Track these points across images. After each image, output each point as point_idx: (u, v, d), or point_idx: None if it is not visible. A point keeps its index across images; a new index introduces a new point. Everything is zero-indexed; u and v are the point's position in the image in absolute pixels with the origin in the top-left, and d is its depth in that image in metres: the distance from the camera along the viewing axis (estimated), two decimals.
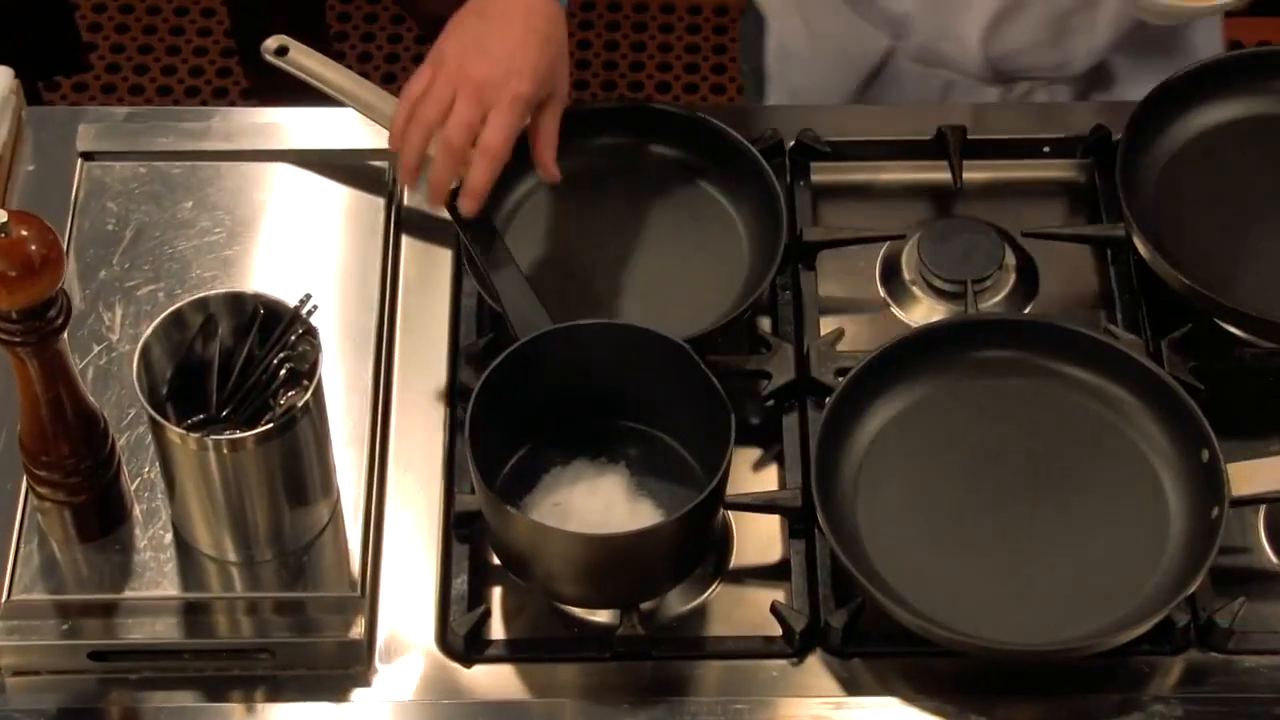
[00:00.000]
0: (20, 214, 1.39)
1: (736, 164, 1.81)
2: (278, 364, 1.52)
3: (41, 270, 1.39)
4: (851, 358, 1.72)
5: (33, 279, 1.39)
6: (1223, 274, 1.76)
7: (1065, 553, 1.61)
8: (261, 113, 1.90)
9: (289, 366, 1.51)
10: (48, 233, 1.40)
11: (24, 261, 1.38)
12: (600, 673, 1.58)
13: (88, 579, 1.59)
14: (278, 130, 1.87)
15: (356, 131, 1.86)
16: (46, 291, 1.40)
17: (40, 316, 1.42)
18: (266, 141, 1.87)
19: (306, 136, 1.87)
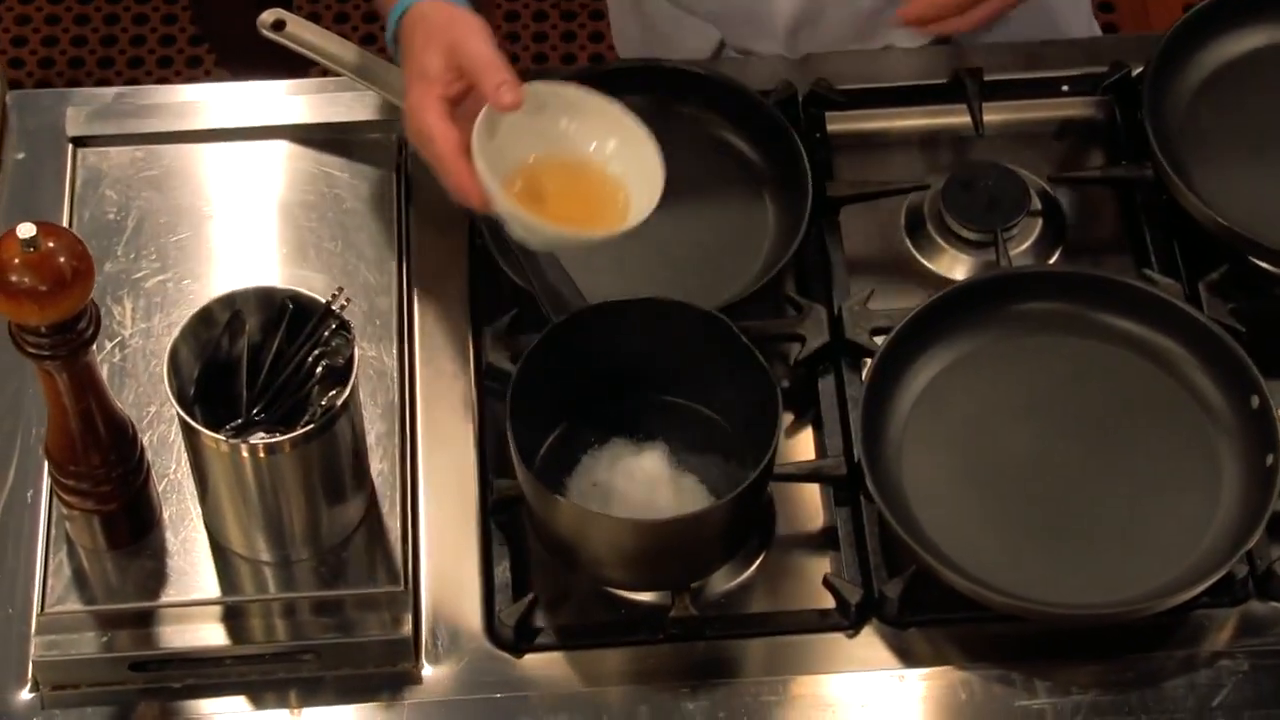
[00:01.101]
0: (47, 225, 1.37)
1: (756, 120, 1.80)
2: (312, 361, 1.50)
3: (74, 284, 1.37)
4: (886, 316, 1.71)
5: (65, 293, 1.37)
6: (1257, 210, 1.75)
7: (1118, 509, 1.61)
8: (257, 87, 1.87)
9: (325, 363, 1.49)
10: (76, 243, 1.38)
11: (55, 276, 1.36)
12: (655, 655, 1.58)
13: (122, 587, 1.57)
14: (276, 105, 1.85)
15: (358, 104, 1.84)
16: (78, 305, 1.38)
17: (70, 329, 1.40)
18: (264, 117, 1.84)
19: (306, 111, 1.85)
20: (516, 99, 1.52)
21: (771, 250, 1.75)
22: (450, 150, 1.55)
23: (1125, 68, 1.87)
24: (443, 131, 1.55)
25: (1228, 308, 1.72)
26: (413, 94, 1.58)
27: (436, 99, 1.56)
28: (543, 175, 1.59)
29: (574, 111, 1.60)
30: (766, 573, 1.64)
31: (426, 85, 1.57)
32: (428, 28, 1.59)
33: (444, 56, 1.56)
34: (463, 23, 1.58)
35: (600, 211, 1.58)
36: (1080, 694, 1.55)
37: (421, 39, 1.58)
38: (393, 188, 1.80)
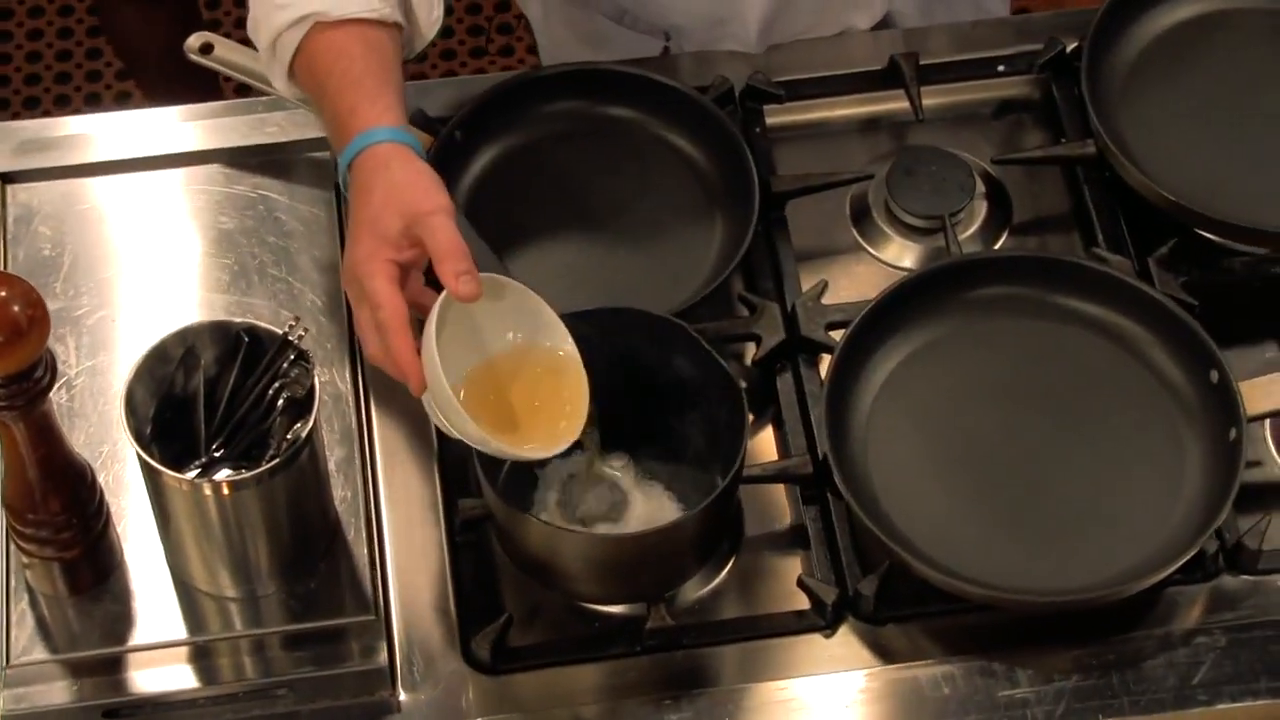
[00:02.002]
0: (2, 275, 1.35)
1: (696, 119, 1.80)
2: (273, 394, 1.49)
3: (30, 332, 1.36)
4: (841, 311, 1.72)
5: (20, 343, 1.35)
6: (1201, 182, 1.77)
7: (1085, 491, 1.63)
8: (184, 112, 1.86)
9: (286, 395, 1.49)
10: (30, 291, 1.37)
11: (10, 325, 1.35)
12: (633, 668, 1.58)
13: (88, 634, 1.56)
14: (205, 129, 1.84)
15: (289, 123, 1.83)
16: (34, 354, 1.37)
17: (27, 379, 1.39)
18: (196, 142, 1.83)
19: (237, 134, 1.83)
20: (476, 290, 1.46)
21: (721, 250, 1.76)
22: (397, 323, 1.47)
23: (1060, 45, 1.89)
24: (391, 301, 1.48)
25: (1179, 281, 1.74)
26: (362, 247, 1.50)
27: (388, 262, 1.49)
28: (486, 377, 1.53)
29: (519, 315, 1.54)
30: (738, 576, 1.65)
31: (379, 244, 1.49)
32: (390, 182, 1.51)
33: (404, 221, 1.49)
34: (427, 191, 1.51)
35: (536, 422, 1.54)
36: (1062, 680, 1.56)
37: (382, 194, 1.51)
38: (332, 207, 1.79)
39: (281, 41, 1.61)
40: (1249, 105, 1.83)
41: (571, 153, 1.81)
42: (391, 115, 1.55)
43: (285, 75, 1.64)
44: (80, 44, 3.23)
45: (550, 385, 1.54)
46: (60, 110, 3.14)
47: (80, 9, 3.26)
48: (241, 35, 3.09)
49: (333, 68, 1.58)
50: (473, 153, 1.79)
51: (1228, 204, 1.75)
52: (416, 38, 1.67)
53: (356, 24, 1.59)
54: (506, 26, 3.21)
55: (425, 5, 1.66)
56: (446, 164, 1.75)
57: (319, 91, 1.60)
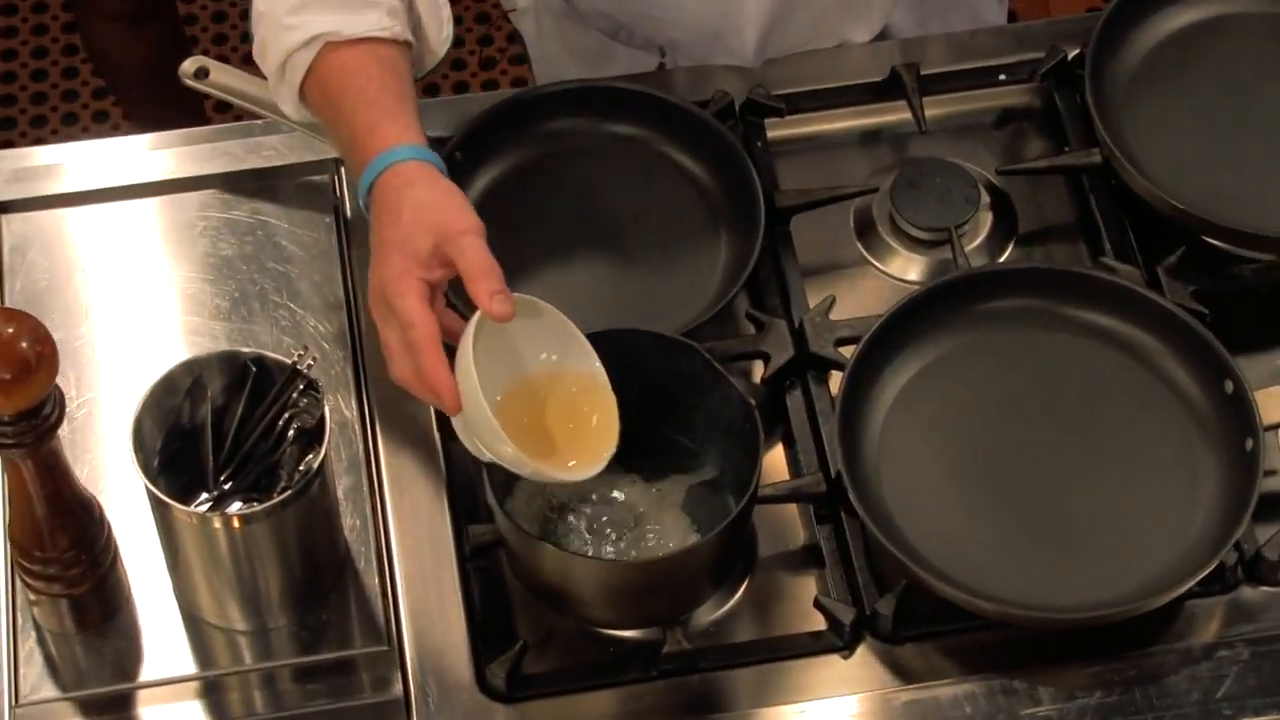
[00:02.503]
0: (7, 311, 1.34)
1: (698, 135, 1.80)
2: (283, 424, 1.48)
3: (38, 369, 1.34)
4: (849, 327, 1.71)
5: (29, 380, 1.34)
6: (1208, 189, 1.77)
7: (1102, 505, 1.62)
8: (178, 136, 1.84)
9: (296, 426, 1.48)
10: (38, 327, 1.36)
11: (18, 362, 1.34)
12: (650, 693, 1.57)
13: (98, 670, 1.55)
14: (201, 155, 1.82)
15: (285, 146, 1.82)
16: (43, 391, 1.36)
17: (36, 415, 1.38)
18: (192, 168, 1.81)
19: (233, 158, 1.82)
20: (511, 310, 1.45)
21: (726, 267, 1.75)
22: (430, 343, 1.46)
23: (1062, 53, 1.88)
24: (424, 320, 1.46)
25: (1189, 290, 1.74)
26: (392, 267, 1.48)
27: (419, 281, 1.48)
28: (520, 399, 1.53)
29: (551, 335, 1.53)
30: (753, 598, 1.64)
31: (409, 264, 1.48)
32: (418, 201, 1.50)
33: (434, 241, 1.48)
34: (458, 211, 1.50)
35: (571, 444, 1.53)
36: (1085, 697, 1.56)
37: (411, 213, 1.50)
38: (332, 231, 1.78)
39: (292, 63, 1.60)
40: (1254, 109, 1.83)
41: (572, 171, 1.80)
42: (412, 133, 1.55)
43: (295, 97, 1.63)
44: (56, 63, 3.21)
45: (583, 406, 1.53)
46: (37, 130, 3.12)
47: (55, 27, 3.24)
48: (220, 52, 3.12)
49: (348, 87, 1.57)
50: (473, 173, 1.78)
51: (1235, 210, 1.75)
52: (426, 55, 1.67)
53: (368, 43, 1.58)
54: (487, 38, 3.21)
55: (435, 23, 1.65)
56: None
57: (333, 112, 1.58)
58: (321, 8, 1.58)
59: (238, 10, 3.25)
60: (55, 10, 3.25)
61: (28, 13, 3.25)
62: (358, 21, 1.58)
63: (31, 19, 3.25)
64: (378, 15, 1.59)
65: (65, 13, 3.23)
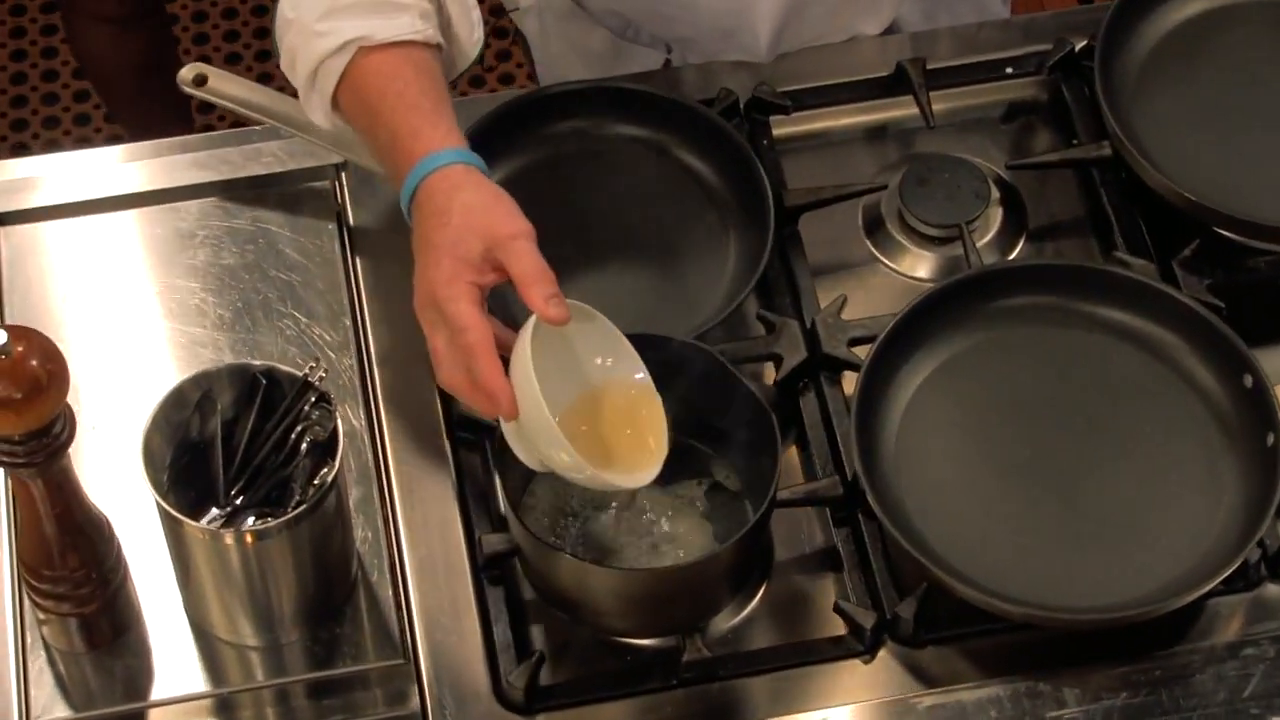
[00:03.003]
0: (17, 329, 1.33)
1: (703, 134, 1.79)
2: (296, 438, 1.47)
3: (49, 388, 1.33)
4: (862, 326, 1.71)
5: (40, 399, 1.33)
6: (1221, 181, 1.76)
7: (1122, 503, 1.61)
8: (177, 144, 1.83)
9: (309, 439, 1.46)
10: (47, 344, 1.34)
11: (30, 381, 1.32)
12: (670, 702, 1.56)
13: (109, 689, 1.54)
14: (200, 163, 1.81)
15: (284, 152, 1.81)
16: (54, 410, 1.35)
17: (46, 434, 1.37)
18: (190, 176, 1.80)
19: (232, 166, 1.80)
20: (566, 314, 1.45)
21: (736, 268, 1.74)
22: (485, 347, 1.45)
23: (1069, 45, 1.87)
24: (478, 324, 1.45)
25: (1204, 284, 1.73)
26: (442, 271, 1.48)
27: (471, 285, 1.47)
28: (579, 405, 1.52)
29: (604, 341, 1.53)
30: (770, 603, 1.63)
31: (461, 268, 1.47)
32: (467, 205, 1.49)
33: (485, 245, 1.47)
34: (508, 214, 1.49)
35: (627, 450, 1.53)
36: (1110, 698, 1.55)
37: (461, 217, 1.49)
38: (335, 237, 1.76)
39: (324, 70, 1.58)
40: (1265, 98, 1.82)
41: (578, 174, 1.78)
42: (454, 137, 1.54)
43: (328, 106, 1.61)
44: (35, 66, 3.19)
45: (638, 411, 1.52)
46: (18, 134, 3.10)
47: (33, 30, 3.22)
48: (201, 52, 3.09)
49: (386, 91, 1.56)
50: None
51: (1249, 202, 1.74)
52: (459, 58, 1.65)
53: (401, 46, 1.57)
54: None
55: (466, 25, 1.64)
56: None
57: (370, 118, 1.57)
58: (352, 13, 1.57)
59: (219, 10, 3.23)
60: (33, 13, 3.23)
61: (5, 15, 3.23)
62: (390, 25, 1.56)
63: (9, 21, 3.22)
64: (410, 19, 1.57)
65: (43, 15, 3.21)
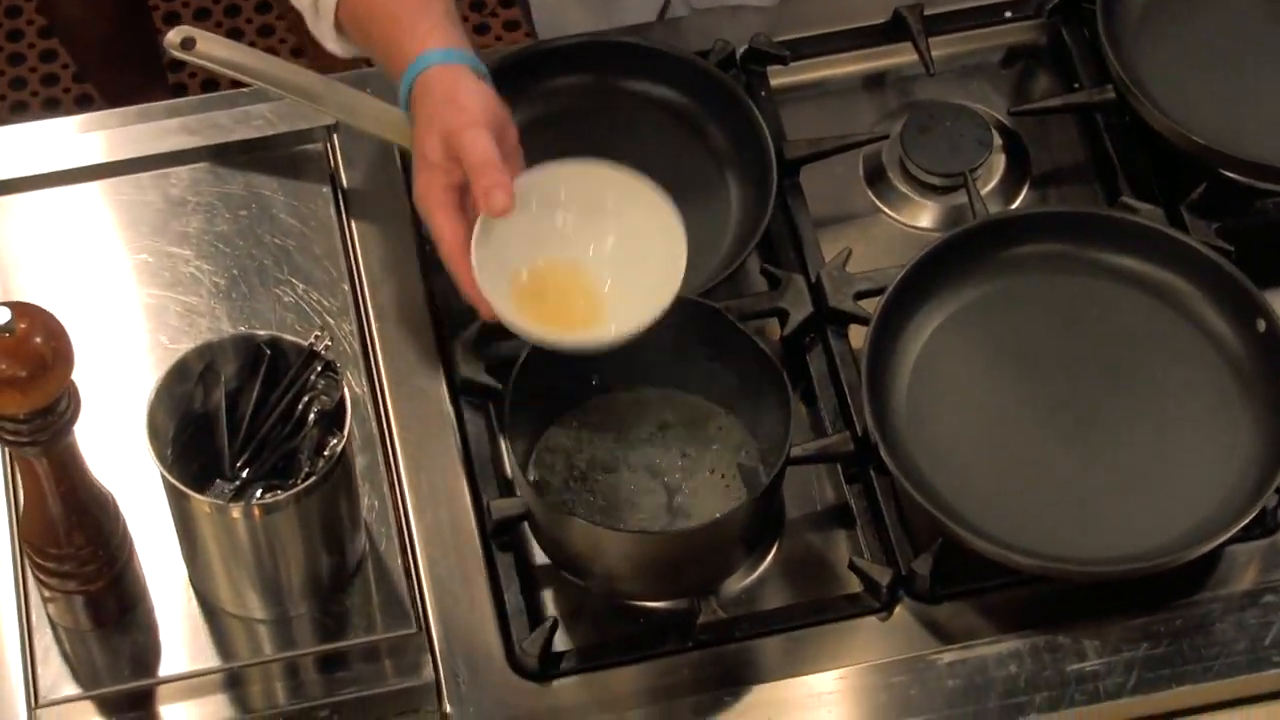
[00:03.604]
0: (20, 305, 1.31)
1: (702, 87, 1.78)
2: (303, 409, 1.46)
3: (55, 366, 1.32)
4: (869, 279, 1.70)
5: (45, 377, 1.32)
6: (1227, 123, 1.76)
7: (1136, 452, 1.61)
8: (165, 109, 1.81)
9: (316, 409, 1.45)
10: (51, 320, 1.33)
11: (34, 360, 1.31)
12: (687, 664, 1.56)
13: (118, 667, 1.53)
14: (189, 127, 1.79)
15: (275, 115, 1.79)
16: (60, 388, 1.33)
17: (51, 413, 1.35)
18: (181, 142, 1.78)
19: (221, 131, 1.78)
20: (506, 204, 1.45)
21: (739, 223, 1.73)
22: (453, 251, 1.48)
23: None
24: (443, 227, 1.48)
25: (1213, 228, 1.72)
26: (419, 181, 1.51)
27: (440, 189, 1.49)
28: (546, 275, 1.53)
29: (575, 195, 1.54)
30: (783, 562, 1.63)
31: (430, 173, 1.49)
32: (430, 103, 1.50)
33: (443, 143, 1.48)
34: (461, 107, 1.49)
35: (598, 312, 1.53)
36: (1131, 650, 1.55)
37: (424, 117, 1.50)
38: (330, 201, 1.75)
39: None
40: (1271, 38, 1.81)
41: (576, 130, 1.77)
42: (436, 36, 1.54)
43: (334, 32, 1.64)
44: None
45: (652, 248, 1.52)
46: None
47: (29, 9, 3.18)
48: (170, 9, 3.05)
49: (373, 7, 1.58)
50: None
51: (1256, 143, 1.73)
52: None
53: None
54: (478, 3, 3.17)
55: None
56: None
57: (367, 39, 1.60)
58: None
59: None
60: None
61: None
62: None
63: None
64: None
65: None
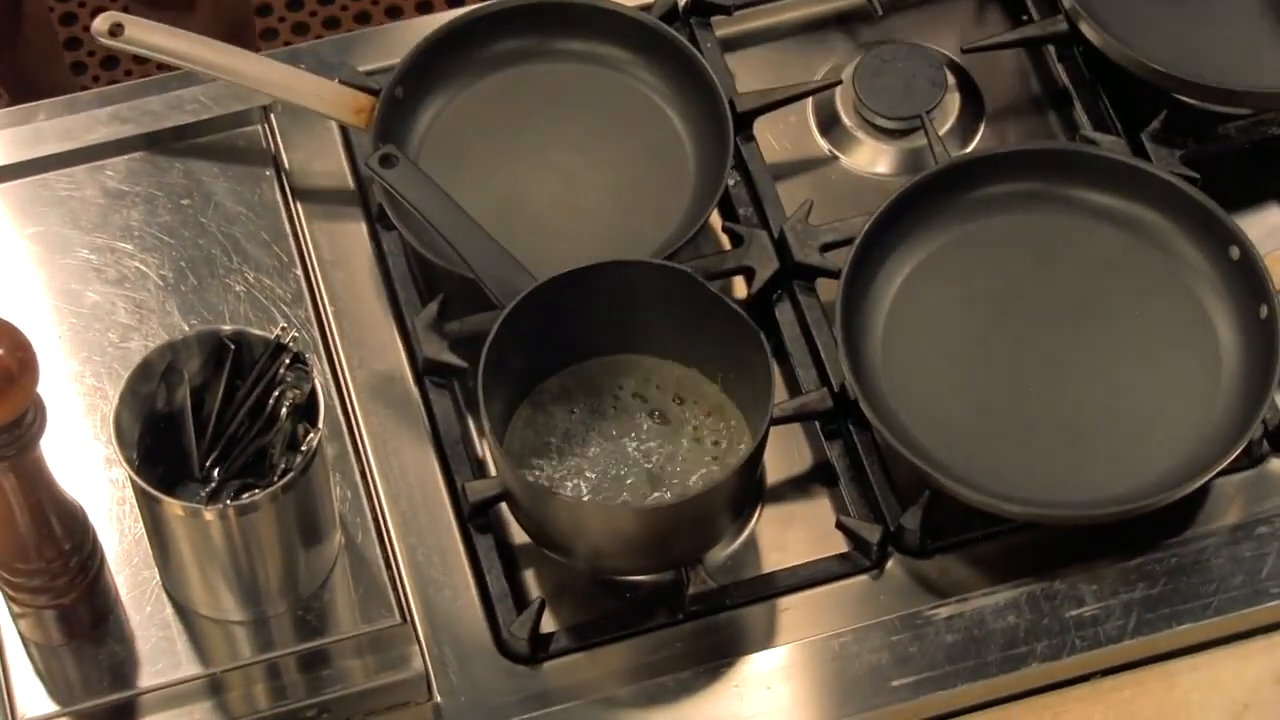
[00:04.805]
0: None
1: (648, 44, 1.76)
2: (274, 403, 1.44)
3: (21, 378, 1.30)
4: (833, 230, 1.69)
5: (12, 391, 1.30)
6: (1183, 48, 1.76)
7: (1120, 391, 1.62)
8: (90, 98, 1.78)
9: (288, 403, 1.44)
10: (15, 332, 1.31)
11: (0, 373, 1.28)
12: (679, 637, 1.55)
13: (96, 679, 1.51)
14: (119, 115, 1.76)
15: (208, 98, 1.77)
16: (26, 401, 1.31)
17: (18, 426, 1.33)
18: (111, 131, 1.75)
19: (152, 117, 1.76)
20: None
21: (697, 182, 1.72)
22: None
23: None
24: None
25: (1176, 156, 1.73)
26: None
27: None
28: None
29: None
30: (766, 526, 1.63)
31: None
32: None
33: None
34: None
35: None
36: (1128, 592, 1.56)
37: None
38: (273, 184, 1.73)
39: None
40: None
41: (522, 96, 1.76)
42: None
43: None
44: None
45: None
46: None
47: None
48: None
49: None
50: (417, 108, 1.73)
51: (1214, 67, 1.74)
52: None
53: None
54: None
55: None
56: (390, 124, 1.70)
57: None
58: None
59: None
60: None
61: None
62: None
63: None
64: None
65: None
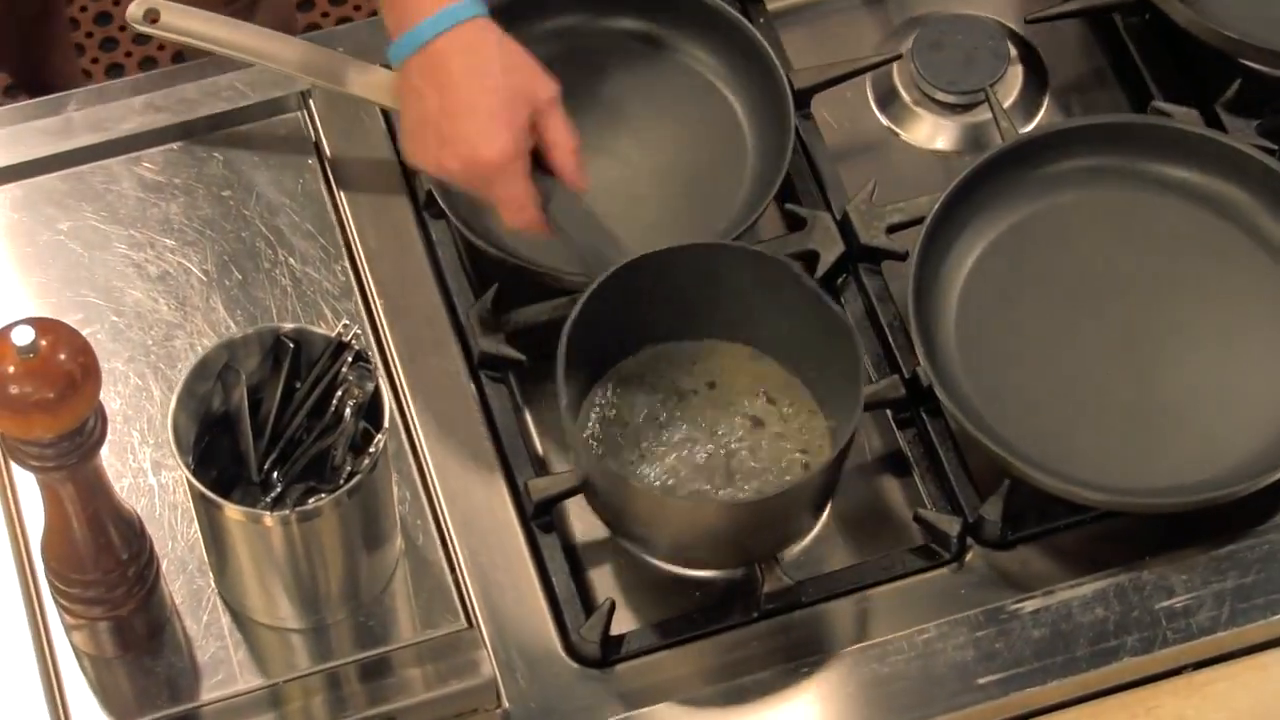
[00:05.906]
0: (42, 322, 1.26)
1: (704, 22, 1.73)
2: (337, 404, 1.41)
3: (84, 384, 1.27)
4: (899, 211, 1.67)
5: (75, 397, 1.27)
6: (1256, 14, 1.73)
7: (1201, 374, 1.59)
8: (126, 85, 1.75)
9: (352, 403, 1.41)
10: (75, 336, 1.28)
11: (62, 379, 1.26)
12: (755, 636, 1.53)
13: (154, 693, 1.49)
14: (154, 104, 1.73)
15: (245, 84, 1.74)
16: (89, 408, 1.28)
17: (79, 434, 1.30)
18: (147, 120, 1.72)
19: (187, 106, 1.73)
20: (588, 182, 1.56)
21: (757, 163, 1.70)
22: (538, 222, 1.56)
23: None
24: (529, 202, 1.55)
25: (1253, 126, 1.70)
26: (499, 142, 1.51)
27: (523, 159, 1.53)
28: None
29: None
30: (839, 519, 1.60)
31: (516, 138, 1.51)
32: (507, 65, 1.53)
33: (529, 111, 1.52)
34: (541, 77, 1.54)
35: None
36: (1219, 581, 1.53)
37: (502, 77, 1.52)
38: (317, 173, 1.70)
39: None
40: None
41: (576, 75, 1.71)
42: None
43: None
44: None
45: None
46: None
47: None
48: None
49: None
50: None
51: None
52: None
53: None
54: None
55: None
56: None
57: None
58: None
59: None
60: None
61: None
62: None
63: None
64: None
65: None
